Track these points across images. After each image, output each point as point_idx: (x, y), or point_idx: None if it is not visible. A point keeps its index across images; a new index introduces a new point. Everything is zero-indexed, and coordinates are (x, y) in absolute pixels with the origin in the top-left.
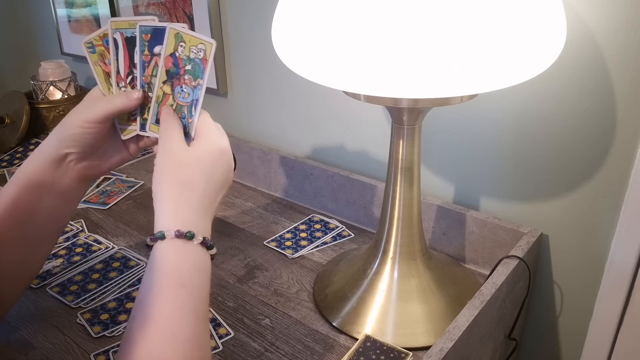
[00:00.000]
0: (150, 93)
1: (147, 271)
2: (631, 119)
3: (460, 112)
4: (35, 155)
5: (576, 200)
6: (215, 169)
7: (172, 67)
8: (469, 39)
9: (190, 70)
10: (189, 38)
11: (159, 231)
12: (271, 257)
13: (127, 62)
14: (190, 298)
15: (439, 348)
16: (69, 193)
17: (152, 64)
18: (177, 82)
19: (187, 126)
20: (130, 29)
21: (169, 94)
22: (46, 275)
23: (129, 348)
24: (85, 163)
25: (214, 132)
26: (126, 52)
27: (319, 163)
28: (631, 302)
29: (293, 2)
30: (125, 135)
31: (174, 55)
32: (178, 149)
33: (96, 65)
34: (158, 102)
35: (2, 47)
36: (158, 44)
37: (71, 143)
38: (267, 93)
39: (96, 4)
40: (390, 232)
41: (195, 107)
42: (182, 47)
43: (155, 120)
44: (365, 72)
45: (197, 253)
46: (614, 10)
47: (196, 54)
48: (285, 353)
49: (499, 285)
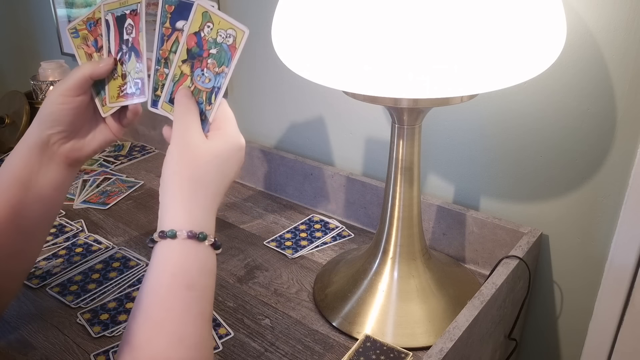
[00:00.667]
0: (166, 69)
1: (152, 270)
2: (631, 119)
3: (460, 112)
4: (19, 146)
5: (576, 200)
6: (230, 167)
7: (194, 46)
8: (469, 39)
9: (215, 54)
10: (219, 20)
11: (171, 229)
12: (271, 257)
13: (117, 40)
14: (198, 301)
15: (439, 348)
16: (58, 180)
17: (172, 39)
18: (197, 64)
19: (204, 113)
20: (120, 7)
21: (187, 75)
22: (46, 275)
23: (132, 351)
24: (69, 145)
25: (233, 125)
26: (116, 30)
27: (319, 163)
28: (631, 302)
29: (293, 2)
30: (105, 113)
31: (198, 35)
32: (195, 142)
33: (79, 48)
34: (174, 81)
35: (2, 47)
36: (182, 18)
37: (51, 123)
38: (267, 93)
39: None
40: (390, 232)
41: (216, 95)
42: (208, 28)
43: (169, 99)
44: (365, 73)
45: (206, 254)
46: (614, 10)
47: (224, 38)
48: (285, 353)
49: (499, 285)
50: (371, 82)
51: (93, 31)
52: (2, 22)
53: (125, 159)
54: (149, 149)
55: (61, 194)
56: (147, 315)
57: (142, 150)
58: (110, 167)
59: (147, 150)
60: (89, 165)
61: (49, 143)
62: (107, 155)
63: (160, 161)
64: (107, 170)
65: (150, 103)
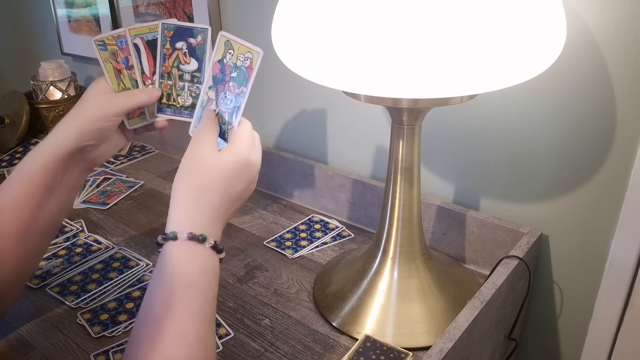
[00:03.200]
0: (169, 81)
1: (157, 271)
2: (631, 119)
3: (460, 112)
4: (45, 152)
5: (576, 200)
6: (237, 179)
7: (219, 73)
8: (469, 39)
9: (235, 77)
10: (238, 46)
11: (172, 231)
12: (271, 257)
13: (151, 61)
14: (198, 299)
15: (439, 348)
16: (76, 184)
17: (173, 57)
18: (221, 89)
19: (226, 132)
20: (151, 33)
21: (213, 100)
22: (46, 275)
23: (136, 348)
24: (97, 152)
25: (245, 142)
26: (149, 53)
27: (319, 163)
28: (631, 302)
29: (293, 2)
30: (132, 125)
31: (221, 62)
32: (203, 153)
33: (107, 62)
34: (202, 107)
35: (2, 47)
36: (180, 40)
37: (92, 136)
38: (267, 93)
39: (96, 4)
40: (390, 232)
41: (236, 114)
42: (230, 55)
43: (197, 124)
44: (365, 72)
45: (207, 256)
46: (614, 10)
47: (243, 61)
48: (285, 353)
49: (499, 285)
50: (371, 82)
51: (124, 49)
52: (2, 22)
53: (125, 159)
54: (149, 149)
55: (72, 198)
56: (149, 313)
57: (142, 150)
58: (110, 167)
59: (147, 151)
60: None
61: (82, 152)
62: None
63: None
64: (107, 170)
65: (156, 109)
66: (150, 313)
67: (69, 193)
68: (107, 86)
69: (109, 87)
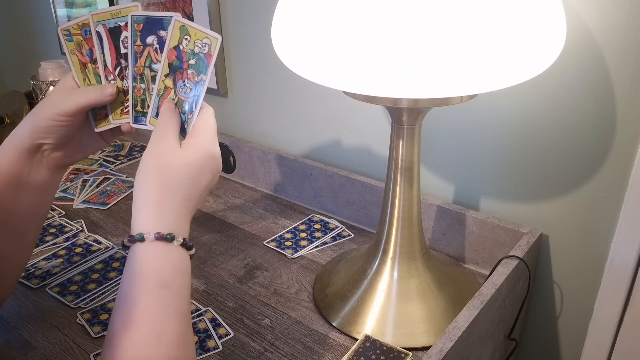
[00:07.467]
0: (142, 84)
1: (127, 274)
2: (631, 119)
3: (460, 112)
4: (7, 147)
5: (576, 200)
6: (202, 174)
7: (175, 60)
8: (469, 39)
9: (193, 64)
10: (194, 32)
11: (138, 233)
12: (271, 257)
13: (113, 54)
14: (174, 299)
15: (439, 348)
16: (46, 183)
17: (145, 55)
18: (179, 76)
19: (186, 122)
20: (113, 19)
21: (171, 88)
22: (46, 275)
23: (113, 352)
24: (60, 153)
25: (208, 134)
26: (111, 43)
27: (319, 163)
28: (631, 302)
29: (293, 2)
30: (98, 128)
31: (177, 49)
32: (167, 150)
33: (72, 54)
34: (159, 96)
35: (2, 47)
36: (151, 34)
37: (44, 134)
38: (267, 93)
39: (96, 4)
40: (390, 232)
41: (196, 104)
42: (186, 41)
43: (155, 114)
44: (365, 72)
45: (178, 254)
46: (614, 10)
47: (201, 48)
48: (285, 353)
49: (499, 285)
50: (371, 82)
51: (88, 40)
52: (2, 22)
53: (125, 159)
54: None
55: (50, 195)
56: (125, 317)
57: (142, 150)
58: (110, 167)
59: None
60: (88, 165)
61: (39, 150)
62: (107, 155)
63: None
64: (107, 170)
65: (132, 119)
66: (126, 316)
67: (41, 191)
68: (73, 82)
69: (75, 82)
